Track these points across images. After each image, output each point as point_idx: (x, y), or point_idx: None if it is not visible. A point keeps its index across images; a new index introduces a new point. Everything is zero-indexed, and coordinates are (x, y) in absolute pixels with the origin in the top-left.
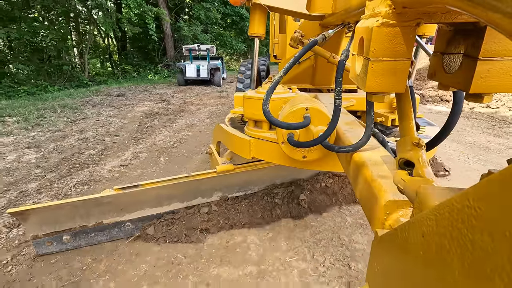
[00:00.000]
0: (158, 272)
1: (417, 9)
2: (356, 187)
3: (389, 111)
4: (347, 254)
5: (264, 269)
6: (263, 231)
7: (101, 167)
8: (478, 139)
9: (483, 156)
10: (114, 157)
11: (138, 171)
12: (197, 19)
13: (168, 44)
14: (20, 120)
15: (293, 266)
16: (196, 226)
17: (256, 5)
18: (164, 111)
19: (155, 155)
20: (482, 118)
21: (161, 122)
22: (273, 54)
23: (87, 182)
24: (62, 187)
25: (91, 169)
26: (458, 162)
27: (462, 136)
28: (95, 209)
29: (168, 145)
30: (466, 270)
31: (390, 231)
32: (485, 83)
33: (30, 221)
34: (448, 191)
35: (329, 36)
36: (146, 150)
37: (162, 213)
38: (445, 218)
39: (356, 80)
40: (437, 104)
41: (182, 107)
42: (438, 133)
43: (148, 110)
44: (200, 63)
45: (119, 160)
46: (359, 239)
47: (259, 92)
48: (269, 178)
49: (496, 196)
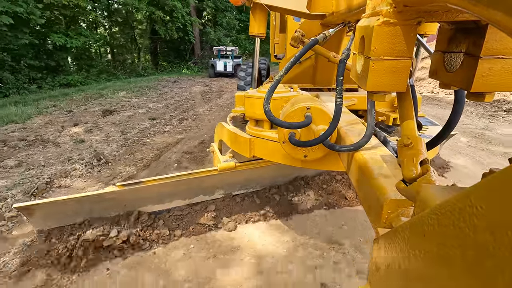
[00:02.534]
0: None
1: (418, 7)
2: (357, 186)
3: (391, 110)
4: None
5: None
6: None
7: (197, 110)
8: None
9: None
10: (200, 107)
11: (216, 113)
12: (220, 25)
13: (196, 45)
14: (130, 92)
15: None
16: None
17: (257, 5)
18: (210, 91)
19: (220, 108)
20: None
21: (213, 96)
22: (274, 54)
23: (195, 114)
24: (185, 117)
25: (193, 111)
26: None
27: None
28: (98, 205)
29: (224, 105)
30: (468, 269)
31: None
32: (486, 81)
33: (36, 216)
34: (449, 190)
35: (330, 35)
36: (214, 106)
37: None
38: (447, 217)
39: (357, 79)
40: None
41: (221, 89)
42: (439, 132)
43: (200, 90)
44: (226, 60)
45: (203, 109)
46: None
47: (260, 92)
48: (271, 176)
49: (498, 195)
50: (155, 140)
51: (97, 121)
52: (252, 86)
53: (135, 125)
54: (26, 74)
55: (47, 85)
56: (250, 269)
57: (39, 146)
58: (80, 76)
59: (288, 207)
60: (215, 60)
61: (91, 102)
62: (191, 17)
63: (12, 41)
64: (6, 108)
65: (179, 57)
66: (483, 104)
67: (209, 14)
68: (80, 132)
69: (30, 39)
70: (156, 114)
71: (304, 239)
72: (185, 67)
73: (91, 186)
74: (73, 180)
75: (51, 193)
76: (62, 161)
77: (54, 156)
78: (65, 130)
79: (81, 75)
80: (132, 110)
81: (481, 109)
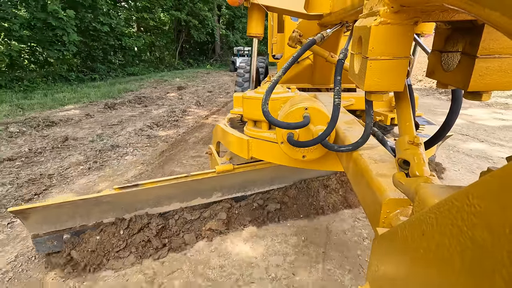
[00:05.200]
0: None
1: (415, 7)
2: (356, 186)
3: (388, 110)
4: None
5: None
6: None
7: (231, 89)
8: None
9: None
10: (232, 88)
11: None
12: (237, 29)
13: (217, 46)
14: (183, 79)
15: None
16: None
17: (254, 5)
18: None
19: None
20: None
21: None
22: (272, 54)
23: (230, 90)
24: (226, 91)
25: (229, 89)
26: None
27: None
28: (95, 208)
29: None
30: (467, 268)
31: (390, 229)
32: (483, 81)
33: (31, 220)
34: (448, 189)
35: (328, 35)
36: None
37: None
38: (445, 216)
39: (355, 79)
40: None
41: None
42: (437, 131)
43: (228, 79)
44: (244, 58)
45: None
46: None
47: (258, 92)
48: (269, 178)
49: (496, 193)
50: (218, 100)
51: (179, 92)
52: (250, 87)
53: (201, 94)
54: (108, 66)
55: (120, 73)
56: None
57: (162, 100)
58: (138, 68)
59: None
60: (235, 57)
61: (162, 84)
62: (217, 24)
63: (106, 42)
64: (116, 85)
65: (202, 55)
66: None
67: (227, 20)
68: (176, 96)
69: (114, 41)
70: (210, 89)
71: None
72: (208, 63)
73: (204, 112)
74: (193, 110)
75: (187, 113)
76: (182, 104)
77: (175, 103)
78: (167, 95)
79: (139, 67)
80: (193, 88)
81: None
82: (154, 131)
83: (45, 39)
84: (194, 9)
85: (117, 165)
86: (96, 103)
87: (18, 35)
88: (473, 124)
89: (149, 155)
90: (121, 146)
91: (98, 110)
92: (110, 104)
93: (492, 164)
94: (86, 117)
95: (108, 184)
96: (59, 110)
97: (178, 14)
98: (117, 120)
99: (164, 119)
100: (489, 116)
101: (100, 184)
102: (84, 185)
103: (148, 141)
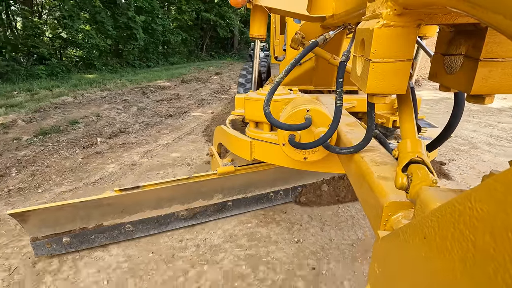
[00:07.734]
0: None
1: (418, 10)
2: (357, 189)
3: (390, 112)
4: None
5: None
6: None
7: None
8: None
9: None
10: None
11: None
12: None
13: (235, 40)
14: (214, 68)
15: None
16: None
17: (257, 7)
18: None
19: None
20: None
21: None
22: (274, 56)
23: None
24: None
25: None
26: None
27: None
28: (95, 211)
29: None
30: (468, 272)
31: (392, 232)
32: (486, 84)
33: (30, 222)
34: (450, 193)
35: (330, 37)
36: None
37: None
38: (447, 220)
39: (357, 82)
40: None
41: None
42: (439, 134)
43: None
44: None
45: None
46: None
47: (260, 94)
48: (271, 180)
49: (498, 197)
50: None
51: (218, 75)
52: (252, 88)
53: (234, 78)
54: (157, 56)
55: (165, 63)
56: None
57: (210, 80)
58: (176, 58)
59: None
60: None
61: (201, 70)
62: (238, 23)
63: (157, 38)
64: (169, 70)
65: (222, 48)
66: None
67: (244, 17)
68: (217, 78)
69: (163, 37)
70: (238, 75)
71: None
72: (228, 56)
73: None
74: (233, 86)
75: (231, 88)
76: (225, 83)
77: (220, 82)
78: (211, 77)
79: (177, 57)
80: (226, 74)
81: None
82: (218, 95)
83: (125, 36)
84: (221, 11)
85: (209, 106)
86: (172, 80)
87: (110, 33)
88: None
89: (220, 103)
90: (206, 99)
91: (178, 83)
92: (184, 80)
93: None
94: (175, 87)
95: (209, 111)
96: (157, 83)
97: (208, 15)
98: (194, 88)
99: (219, 90)
100: (430, 94)
101: (208, 111)
102: (200, 111)
103: (217, 99)
